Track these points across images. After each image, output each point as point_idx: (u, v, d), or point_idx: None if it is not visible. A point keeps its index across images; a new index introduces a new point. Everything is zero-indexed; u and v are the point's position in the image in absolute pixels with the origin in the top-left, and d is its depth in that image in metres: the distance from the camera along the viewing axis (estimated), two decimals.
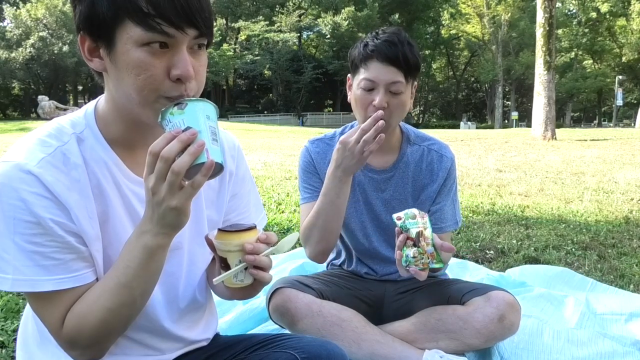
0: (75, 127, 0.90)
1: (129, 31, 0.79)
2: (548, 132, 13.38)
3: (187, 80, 0.82)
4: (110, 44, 0.81)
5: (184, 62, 0.81)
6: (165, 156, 0.75)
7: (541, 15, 13.44)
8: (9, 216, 0.80)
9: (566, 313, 2.10)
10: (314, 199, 1.71)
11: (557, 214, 4.14)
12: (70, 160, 0.87)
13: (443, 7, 46.83)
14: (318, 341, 1.09)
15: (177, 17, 0.78)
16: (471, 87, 55.22)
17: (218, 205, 1.09)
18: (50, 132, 0.88)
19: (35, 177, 0.81)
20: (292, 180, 5.81)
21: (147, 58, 0.79)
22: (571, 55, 45.01)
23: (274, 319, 1.59)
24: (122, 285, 0.84)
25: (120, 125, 0.91)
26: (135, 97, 0.82)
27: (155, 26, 0.77)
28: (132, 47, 0.79)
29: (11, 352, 1.70)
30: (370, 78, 1.51)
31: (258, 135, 19.14)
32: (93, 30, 0.81)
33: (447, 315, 1.55)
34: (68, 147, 0.87)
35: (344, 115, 42.66)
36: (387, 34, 1.52)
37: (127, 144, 0.93)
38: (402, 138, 1.70)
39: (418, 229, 1.33)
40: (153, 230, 0.82)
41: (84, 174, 0.88)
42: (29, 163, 0.82)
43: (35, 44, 32.74)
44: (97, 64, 0.84)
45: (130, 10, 0.77)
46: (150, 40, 0.79)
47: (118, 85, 0.84)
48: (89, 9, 0.80)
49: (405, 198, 1.69)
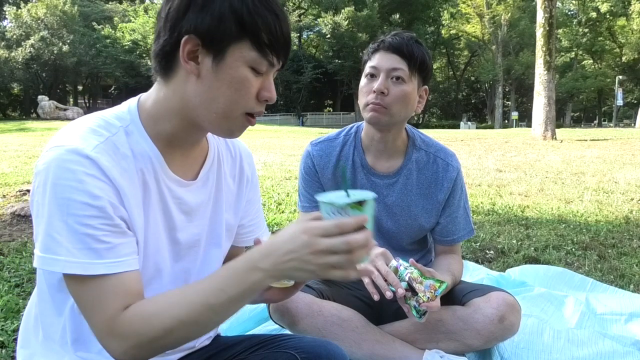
0: (122, 120, 0.92)
1: (244, 51, 0.86)
2: (548, 132, 13.39)
3: (271, 102, 0.93)
4: (219, 56, 0.86)
5: (273, 87, 0.93)
6: (351, 242, 0.78)
7: (541, 15, 13.45)
8: (63, 197, 0.80)
9: (566, 313, 2.10)
10: (314, 209, 1.70)
11: (557, 214, 4.14)
12: (119, 150, 0.89)
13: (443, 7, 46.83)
14: (318, 341, 1.09)
15: (283, 53, 0.90)
16: (471, 87, 55.19)
17: (236, 209, 1.13)
18: (98, 123, 0.90)
19: (93, 161, 0.83)
20: (292, 180, 5.82)
21: (251, 78, 0.88)
22: (571, 55, 45.05)
23: (274, 319, 1.58)
24: (207, 305, 0.82)
25: (171, 123, 0.93)
26: (222, 108, 0.89)
27: (268, 55, 0.88)
28: (241, 65, 0.87)
29: (11, 352, 1.70)
30: (373, 65, 1.53)
31: (258, 135, 19.13)
32: (209, 40, 0.85)
33: (447, 315, 1.55)
34: (117, 137, 0.89)
35: (344, 115, 42.67)
36: (397, 32, 1.56)
37: (170, 142, 0.95)
38: (408, 142, 1.67)
39: (408, 276, 1.36)
40: (270, 272, 0.81)
41: (132, 165, 0.90)
42: (85, 147, 0.83)
43: (35, 44, 32.73)
44: (192, 67, 0.87)
45: (253, 35, 0.85)
46: (259, 64, 0.88)
47: (206, 92, 0.88)
48: (215, 22, 0.84)
49: (407, 205, 1.66)
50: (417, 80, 1.55)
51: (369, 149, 1.66)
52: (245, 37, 0.85)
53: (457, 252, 1.76)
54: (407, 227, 1.68)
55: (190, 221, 1.02)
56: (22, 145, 11.62)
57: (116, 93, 45.45)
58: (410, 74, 1.52)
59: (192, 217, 1.02)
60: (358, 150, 1.67)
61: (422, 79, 1.56)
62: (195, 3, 0.85)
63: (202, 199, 1.03)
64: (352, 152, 1.68)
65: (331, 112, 50.16)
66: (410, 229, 1.69)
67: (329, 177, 1.68)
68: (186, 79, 0.88)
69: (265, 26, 0.85)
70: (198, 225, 1.04)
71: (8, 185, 5.07)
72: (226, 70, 0.86)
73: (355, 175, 1.67)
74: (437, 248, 1.77)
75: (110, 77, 40.76)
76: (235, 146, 1.14)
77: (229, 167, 1.11)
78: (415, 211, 1.67)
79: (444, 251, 1.74)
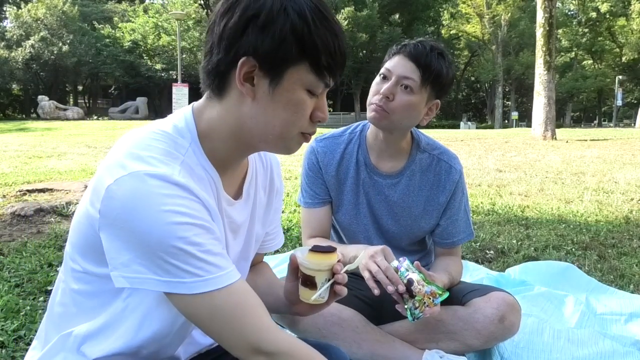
0: (186, 138, 0.89)
1: (301, 74, 0.84)
2: (548, 132, 13.38)
3: (323, 122, 0.93)
4: (277, 79, 0.84)
5: (326, 108, 0.92)
6: None
7: (541, 15, 13.44)
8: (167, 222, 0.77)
9: (566, 312, 2.10)
10: (316, 206, 1.71)
11: (557, 214, 4.14)
12: (195, 172, 0.87)
13: (443, 7, 46.79)
14: (319, 342, 1.09)
15: (339, 72, 0.88)
16: (471, 87, 55.19)
17: (264, 220, 1.12)
18: (167, 142, 0.86)
19: (184, 186, 0.81)
20: (292, 181, 5.81)
21: (307, 100, 0.87)
22: (571, 55, 45.03)
23: (274, 319, 1.58)
24: None
25: (226, 144, 0.91)
26: (279, 130, 0.88)
27: (326, 78, 0.86)
28: (299, 87, 0.85)
29: (11, 352, 1.69)
30: (388, 67, 1.52)
31: None
32: (269, 61, 0.82)
33: (447, 315, 1.55)
34: (189, 159, 0.87)
35: (344, 115, 42.59)
36: (429, 41, 1.53)
37: (222, 163, 0.93)
38: (413, 144, 1.67)
39: (407, 279, 1.35)
40: None
41: (208, 186, 0.89)
42: (173, 174, 0.81)
43: (35, 44, 32.73)
44: (247, 89, 0.84)
45: (312, 58, 0.83)
46: (316, 87, 0.87)
47: (262, 114, 0.86)
48: (276, 44, 0.81)
49: (409, 205, 1.67)
50: (429, 93, 1.52)
51: (373, 148, 1.66)
52: (305, 59, 0.83)
53: (457, 254, 1.76)
54: (407, 227, 1.68)
55: (235, 239, 1.02)
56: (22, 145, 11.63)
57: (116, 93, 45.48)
58: (422, 85, 1.49)
59: (236, 235, 1.02)
60: (362, 148, 1.67)
61: (434, 93, 1.54)
62: (255, 23, 0.81)
63: (245, 216, 1.03)
64: (356, 150, 1.68)
65: (331, 112, 50.01)
66: (410, 230, 1.69)
67: (332, 174, 1.68)
68: (241, 100, 0.86)
69: (325, 48, 0.83)
70: (239, 242, 1.04)
71: (8, 185, 5.07)
72: (283, 94, 0.85)
73: (359, 174, 1.67)
74: (437, 250, 1.77)
75: (110, 77, 40.70)
76: (267, 157, 1.12)
77: (261, 179, 1.09)
78: (417, 212, 1.67)
79: (444, 253, 1.74)
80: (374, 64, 41.55)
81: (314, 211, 1.71)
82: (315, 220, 1.71)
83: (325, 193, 1.70)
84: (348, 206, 1.69)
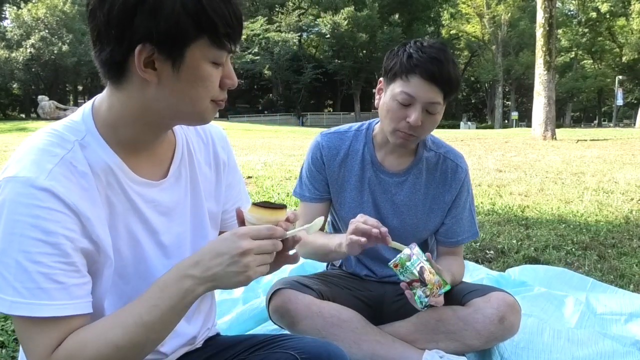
0: (76, 133, 0.88)
1: (203, 49, 0.83)
2: (548, 132, 13.39)
3: (233, 88, 0.92)
4: (179, 59, 0.83)
5: (233, 73, 0.91)
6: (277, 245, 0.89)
7: (541, 15, 13.44)
8: (15, 233, 0.77)
9: (566, 312, 2.10)
10: (313, 201, 1.70)
11: (557, 214, 4.14)
12: (77, 169, 0.85)
13: (443, 7, 46.87)
14: (319, 342, 1.09)
15: (239, 36, 0.87)
16: (471, 87, 55.19)
17: (217, 196, 1.11)
18: (50, 141, 0.86)
19: (48, 191, 0.79)
20: (292, 181, 5.81)
21: (213, 72, 0.87)
22: (571, 55, 45.02)
23: (274, 320, 1.58)
24: (142, 324, 0.81)
25: (133, 129, 0.90)
26: (190, 105, 0.87)
27: (227, 46, 0.85)
28: (203, 62, 0.84)
29: (11, 352, 1.69)
30: (410, 93, 1.44)
31: (258, 135, 19.13)
32: (167, 45, 0.81)
33: (447, 316, 1.55)
34: (73, 154, 0.85)
35: (344, 115, 42.62)
36: (434, 49, 1.44)
37: (132, 147, 0.92)
38: (419, 143, 1.66)
39: (420, 266, 1.34)
40: (201, 278, 0.83)
41: (92, 182, 0.87)
42: (39, 177, 0.79)
43: (35, 44, 32.74)
44: (150, 74, 0.83)
45: (211, 32, 0.82)
46: (219, 57, 0.86)
47: (170, 96, 0.85)
48: (170, 26, 0.79)
49: (415, 204, 1.66)
50: (447, 101, 1.52)
51: (381, 147, 1.66)
52: (203, 34, 0.82)
53: (459, 254, 1.76)
54: (412, 226, 1.68)
55: (171, 221, 1.00)
56: None
57: None
58: (444, 100, 1.49)
59: (172, 217, 1.00)
60: (369, 146, 1.67)
61: (449, 97, 1.52)
62: (142, 7, 0.78)
63: (179, 196, 1.01)
64: (362, 148, 1.67)
65: (331, 112, 50.13)
66: (415, 229, 1.68)
67: (335, 170, 1.68)
68: (144, 85, 0.85)
69: (220, 19, 0.82)
70: (181, 224, 1.02)
71: None
72: (188, 72, 0.84)
73: (364, 171, 1.67)
74: (439, 249, 1.77)
75: None
76: (207, 131, 1.10)
77: (202, 155, 1.08)
78: (422, 211, 1.66)
79: (446, 253, 1.74)
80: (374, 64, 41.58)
81: (310, 205, 1.71)
82: (310, 214, 1.69)
83: (325, 190, 1.70)
84: (351, 204, 1.68)
